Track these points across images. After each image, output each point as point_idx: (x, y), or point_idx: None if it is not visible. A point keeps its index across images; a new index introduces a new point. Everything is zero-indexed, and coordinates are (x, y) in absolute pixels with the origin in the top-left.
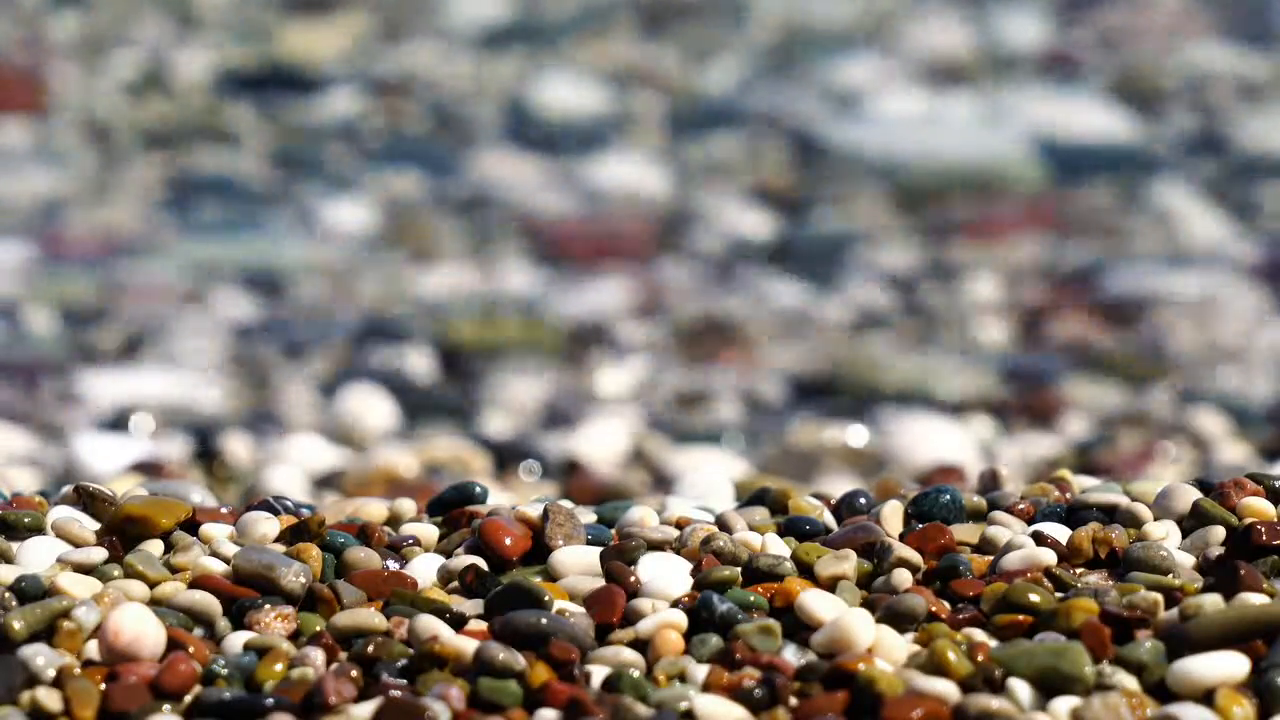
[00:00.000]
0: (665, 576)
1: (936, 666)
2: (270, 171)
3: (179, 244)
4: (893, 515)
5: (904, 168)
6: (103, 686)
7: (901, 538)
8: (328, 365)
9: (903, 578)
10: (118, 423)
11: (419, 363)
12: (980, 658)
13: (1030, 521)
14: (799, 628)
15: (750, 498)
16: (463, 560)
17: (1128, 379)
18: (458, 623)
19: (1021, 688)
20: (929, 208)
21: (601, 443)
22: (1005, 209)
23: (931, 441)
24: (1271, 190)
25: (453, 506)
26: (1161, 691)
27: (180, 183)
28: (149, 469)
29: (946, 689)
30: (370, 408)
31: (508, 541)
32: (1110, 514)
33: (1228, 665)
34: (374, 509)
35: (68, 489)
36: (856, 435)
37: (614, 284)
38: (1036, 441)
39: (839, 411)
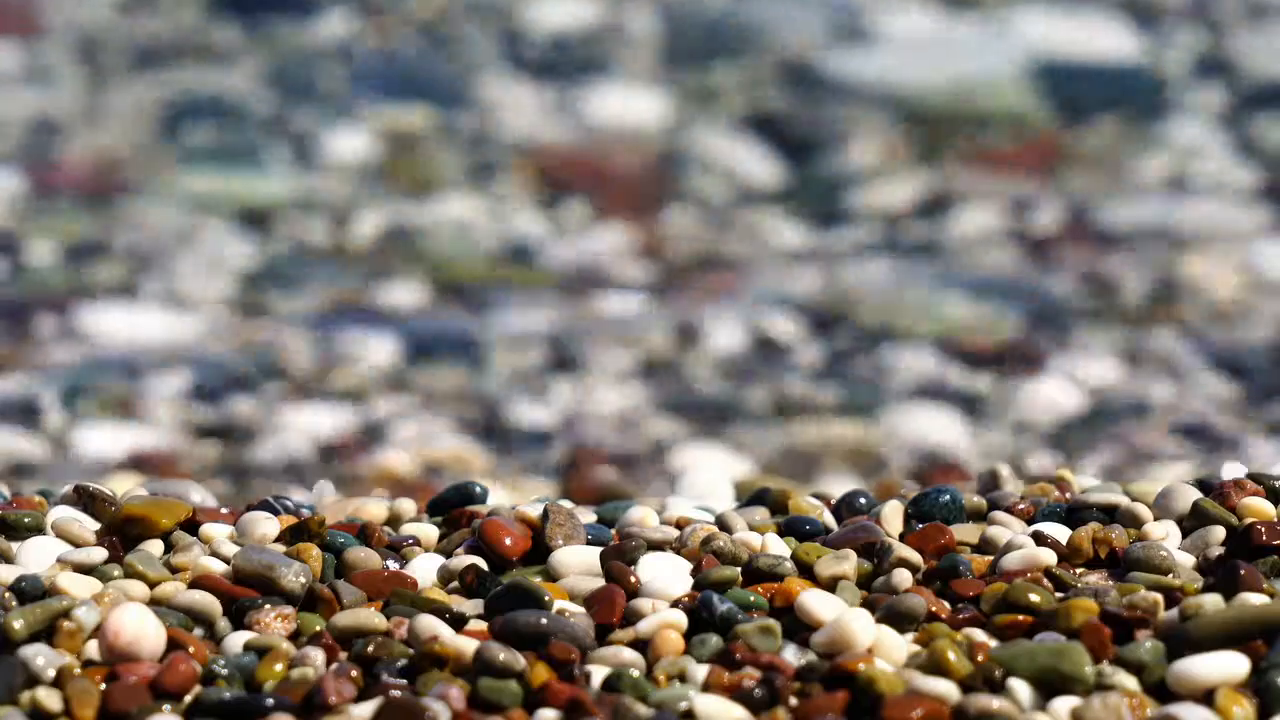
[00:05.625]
0: (665, 576)
1: (936, 666)
2: (266, 95)
3: (174, 176)
4: (893, 515)
5: (905, 99)
6: (103, 686)
7: (901, 538)
8: (326, 302)
9: (903, 578)
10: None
11: (418, 299)
12: (980, 658)
13: (1030, 521)
14: (799, 628)
15: (750, 498)
16: (463, 560)
17: (1133, 320)
18: (458, 623)
19: (1021, 688)
20: (930, 140)
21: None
22: (1008, 144)
23: (934, 430)
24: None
25: (453, 506)
26: (1161, 691)
27: (174, 106)
28: (145, 463)
29: (946, 689)
30: (370, 350)
31: (508, 541)
32: (1110, 514)
33: (1228, 665)
34: (374, 509)
35: (67, 489)
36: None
37: (614, 230)
38: (1050, 397)
39: (844, 346)
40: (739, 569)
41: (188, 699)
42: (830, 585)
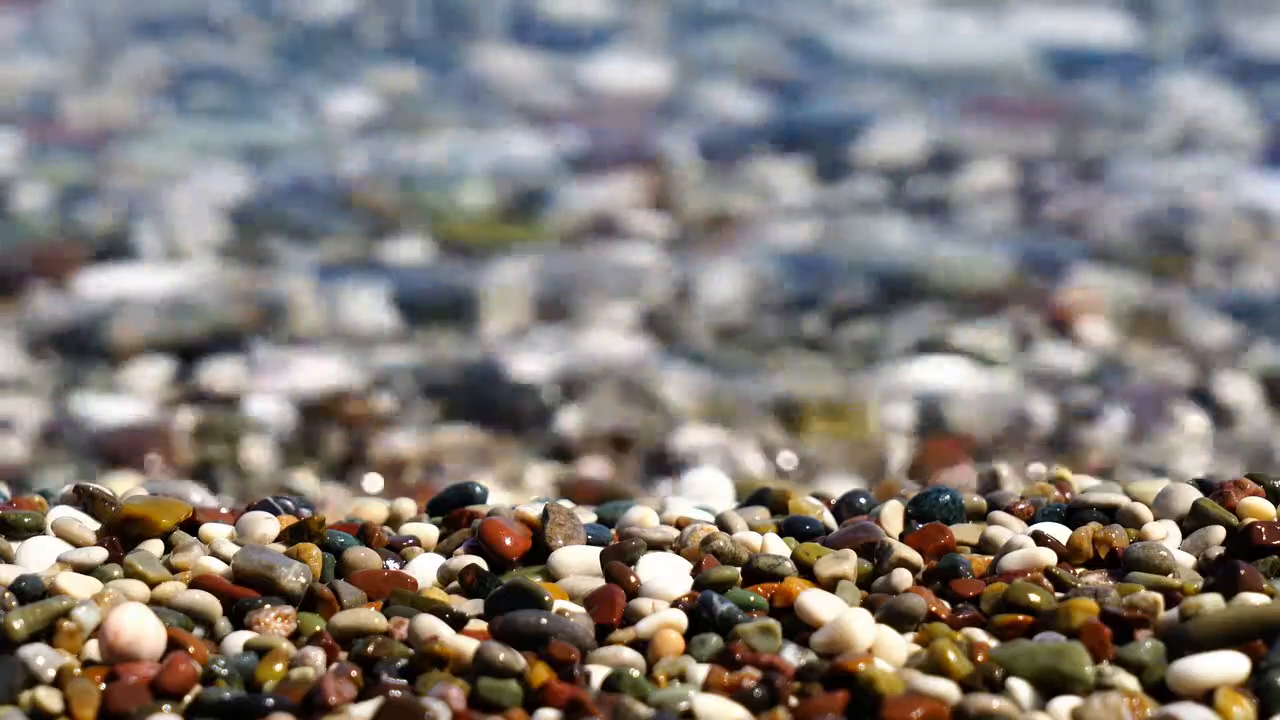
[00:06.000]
0: (665, 576)
1: (936, 666)
2: (269, 63)
3: (175, 129)
4: (893, 515)
5: (909, 68)
6: (103, 686)
7: (901, 538)
8: (328, 255)
9: (903, 578)
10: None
11: (418, 254)
12: (980, 658)
13: (1030, 521)
14: (799, 628)
15: (750, 498)
16: (463, 560)
17: (1141, 271)
18: (458, 623)
19: (1021, 688)
20: (934, 96)
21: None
22: (1011, 99)
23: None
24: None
25: (453, 506)
26: (1161, 691)
27: (177, 72)
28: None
29: (946, 689)
30: (369, 308)
31: (508, 541)
32: (1110, 514)
33: (1228, 665)
34: (374, 509)
35: (68, 489)
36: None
37: (619, 178)
38: (1056, 353)
39: (848, 301)
40: (739, 569)
41: (188, 699)
42: (830, 585)
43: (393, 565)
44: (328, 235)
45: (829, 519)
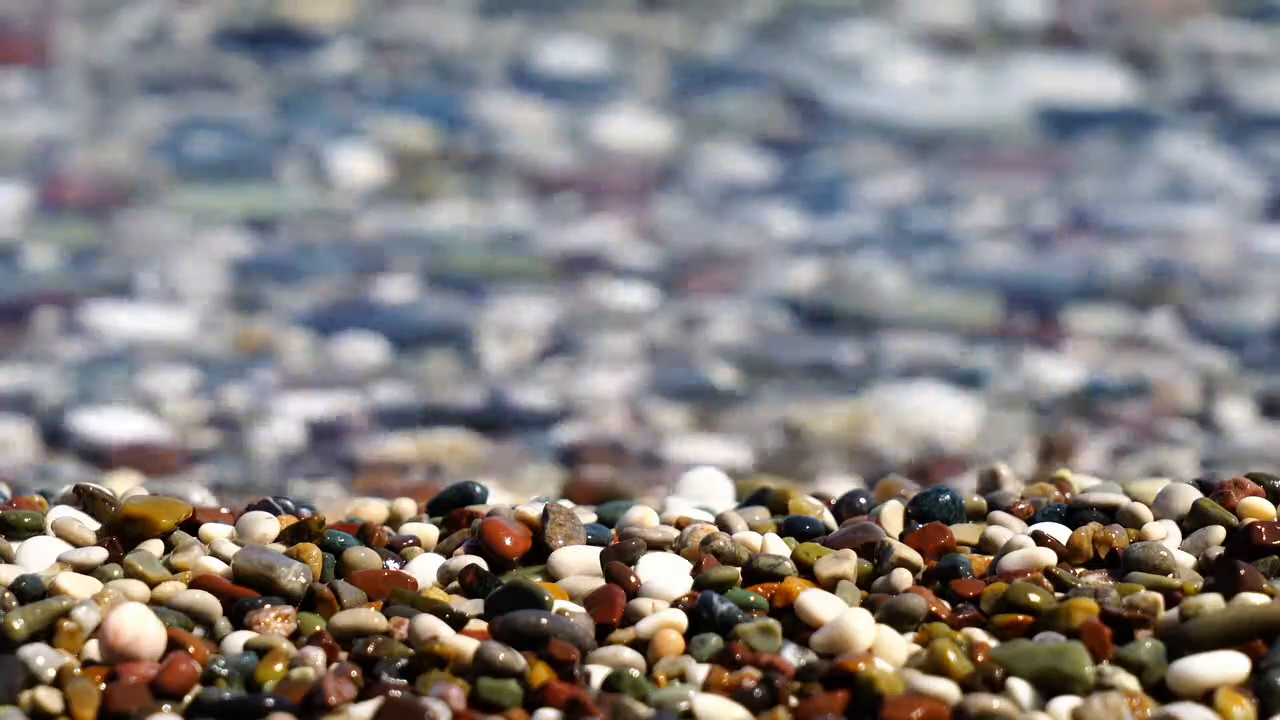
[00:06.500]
0: (665, 576)
1: (936, 666)
2: (272, 118)
3: (179, 190)
4: (893, 515)
5: (904, 128)
6: (103, 686)
7: (901, 538)
8: (322, 297)
9: (903, 578)
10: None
11: (413, 292)
12: (980, 658)
13: (1030, 521)
14: (799, 628)
15: (750, 498)
16: (463, 560)
17: (1131, 304)
18: (458, 623)
19: (1021, 688)
20: (929, 152)
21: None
22: (1006, 154)
23: (932, 407)
24: (1273, 141)
25: (453, 506)
26: (1161, 691)
27: (181, 127)
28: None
29: (946, 689)
30: (363, 345)
31: (508, 541)
32: (1110, 514)
33: (1228, 665)
34: (374, 509)
35: (68, 489)
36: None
37: (611, 219)
38: (1046, 369)
39: (840, 335)
40: (739, 569)
41: (188, 699)
42: (830, 585)
43: (393, 565)
44: (319, 276)
45: (829, 519)
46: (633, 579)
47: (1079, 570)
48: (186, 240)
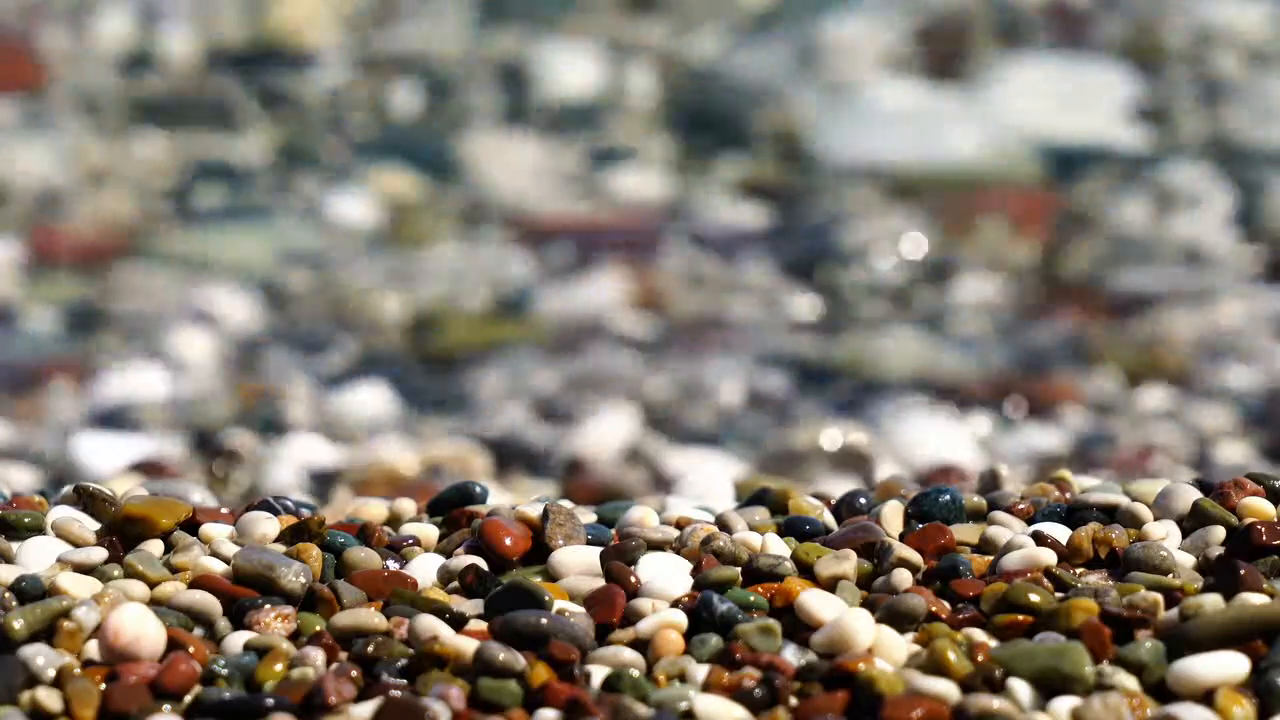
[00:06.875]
0: (665, 576)
1: (936, 666)
2: (270, 162)
3: (179, 241)
4: (893, 515)
5: (895, 174)
6: (103, 686)
7: (901, 538)
8: (327, 366)
9: (903, 578)
10: (117, 420)
11: (412, 363)
12: (980, 658)
13: (1030, 521)
14: (799, 628)
15: (750, 498)
16: (463, 560)
17: (1127, 372)
18: (458, 623)
19: (1021, 688)
20: (924, 205)
21: (601, 440)
22: (1001, 205)
23: (931, 438)
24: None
25: (453, 506)
26: (1161, 691)
27: (181, 171)
28: (149, 469)
29: (946, 689)
30: (368, 404)
31: (508, 541)
32: (1110, 514)
33: (1228, 665)
34: (374, 509)
35: (68, 489)
36: (837, 437)
37: (609, 278)
38: (1037, 435)
39: (838, 400)
40: (739, 569)
41: (188, 699)
42: (830, 585)
43: (393, 565)
44: (327, 350)
45: (829, 519)
46: (633, 579)
47: (1079, 570)
48: (184, 296)
